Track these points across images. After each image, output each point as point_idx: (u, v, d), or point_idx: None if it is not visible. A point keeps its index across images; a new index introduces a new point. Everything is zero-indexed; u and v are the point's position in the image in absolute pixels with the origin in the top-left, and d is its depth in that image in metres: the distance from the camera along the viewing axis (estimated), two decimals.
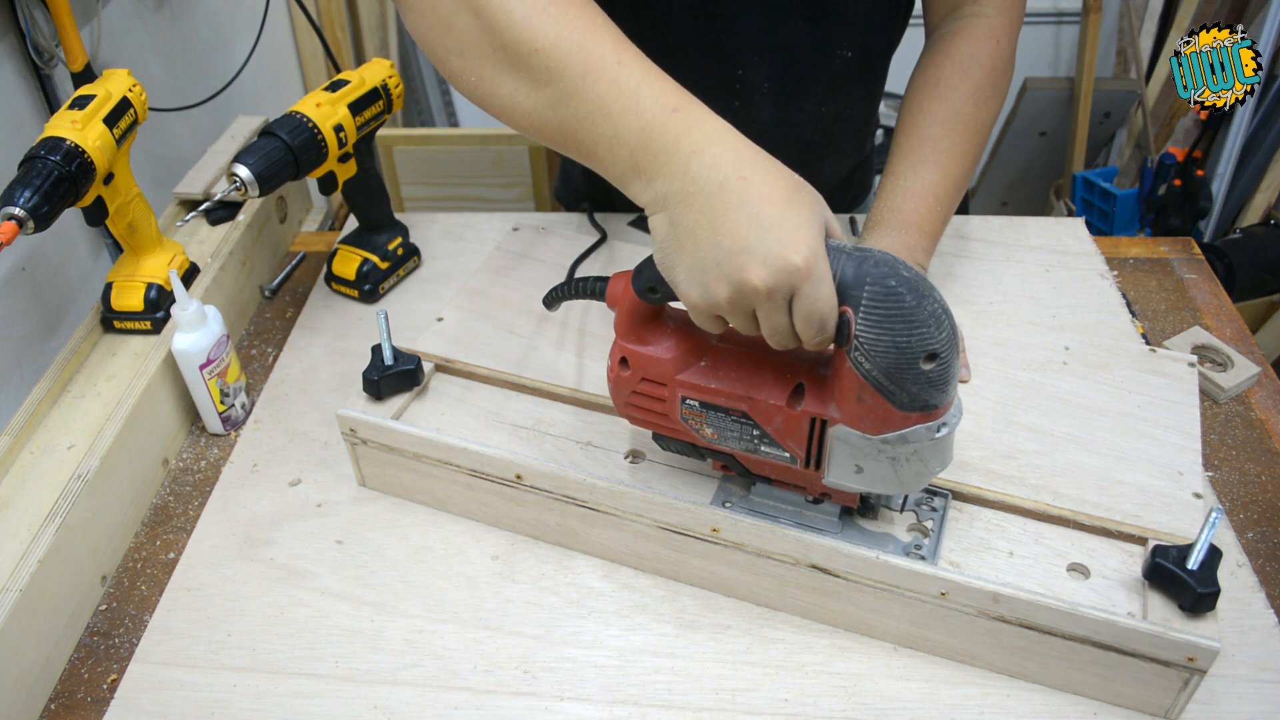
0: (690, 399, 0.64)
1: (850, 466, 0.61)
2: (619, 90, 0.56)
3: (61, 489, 0.74)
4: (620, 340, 0.65)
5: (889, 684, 0.67)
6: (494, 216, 1.15)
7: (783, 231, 0.51)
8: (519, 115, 0.60)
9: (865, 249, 0.54)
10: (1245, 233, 2.03)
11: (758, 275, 0.52)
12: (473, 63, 0.60)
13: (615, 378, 0.67)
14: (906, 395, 0.55)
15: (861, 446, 0.59)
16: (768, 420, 0.62)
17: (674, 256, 0.55)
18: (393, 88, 0.98)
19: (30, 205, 0.76)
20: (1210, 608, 0.61)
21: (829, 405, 0.59)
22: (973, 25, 0.86)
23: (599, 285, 0.67)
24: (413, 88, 2.81)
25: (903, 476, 0.60)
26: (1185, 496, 0.71)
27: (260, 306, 1.07)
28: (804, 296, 0.52)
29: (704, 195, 0.53)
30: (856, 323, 0.53)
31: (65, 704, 0.69)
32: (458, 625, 0.72)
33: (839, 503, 0.68)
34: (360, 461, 0.81)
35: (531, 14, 0.57)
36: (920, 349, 0.53)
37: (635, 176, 0.56)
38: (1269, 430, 0.86)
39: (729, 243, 0.52)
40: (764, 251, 0.51)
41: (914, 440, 0.57)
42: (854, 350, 0.54)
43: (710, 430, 0.65)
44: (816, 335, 0.54)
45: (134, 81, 0.89)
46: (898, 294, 0.52)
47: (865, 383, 0.55)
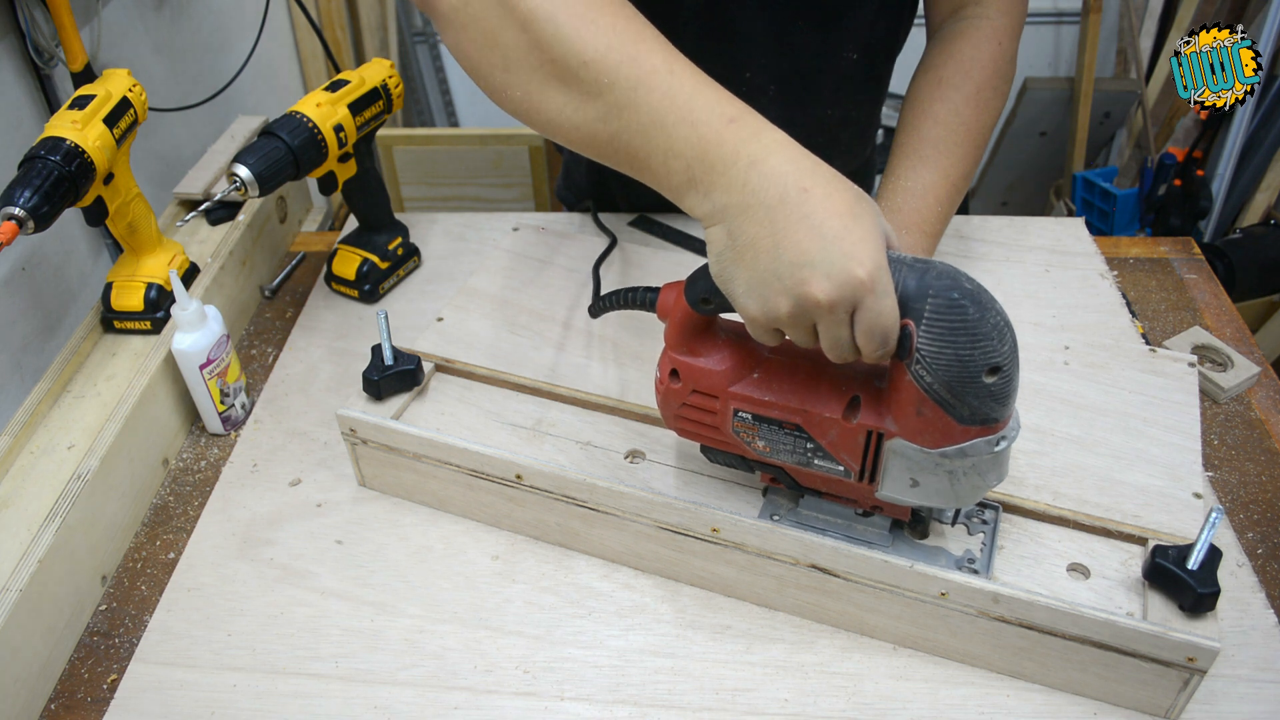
0: (743, 412, 0.63)
1: (906, 480, 0.60)
2: (673, 101, 0.54)
3: (61, 489, 0.74)
4: (671, 352, 0.64)
5: (889, 684, 0.67)
6: (494, 216, 1.15)
7: (846, 244, 0.50)
8: (568, 129, 0.59)
9: (926, 260, 0.53)
10: (1245, 233, 2.03)
11: (820, 289, 0.51)
12: (518, 77, 0.59)
13: (665, 390, 0.65)
14: (967, 409, 0.54)
15: (919, 460, 0.58)
16: (822, 433, 0.61)
17: (732, 269, 0.54)
18: (393, 88, 0.98)
19: (30, 205, 0.76)
20: (1210, 608, 0.61)
21: (885, 418, 0.58)
22: (975, 26, 0.86)
23: (649, 296, 0.65)
24: (413, 88, 2.81)
25: (959, 490, 0.59)
26: (1185, 496, 0.71)
27: (260, 306, 1.07)
28: (867, 310, 0.51)
29: (764, 207, 0.52)
30: (919, 336, 0.52)
31: (65, 704, 0.69)
32: (458, 625, 0.72)
33: (890, 515, 0.66)
34: (360, 461, 0.81)
35: (580, 26, 0.56)
36: (983, 362, 0.52)
37: (691, 189, 0.55)
38: (1269, 430, 0.86)
39: (791, 256, 0.51)
40: (827, 264, 0.50)
41: (973, 454, 0.56)
42: (915, 363, 0.53)
43: (762, 443, 0.64)
44: (878, 349, 0.53)
45: (134, 81, 0.89)
46: (961, 306, 0.51)
47: (926, 396, 0.54)
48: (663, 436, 0.78)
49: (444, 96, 2.96)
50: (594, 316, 0.73)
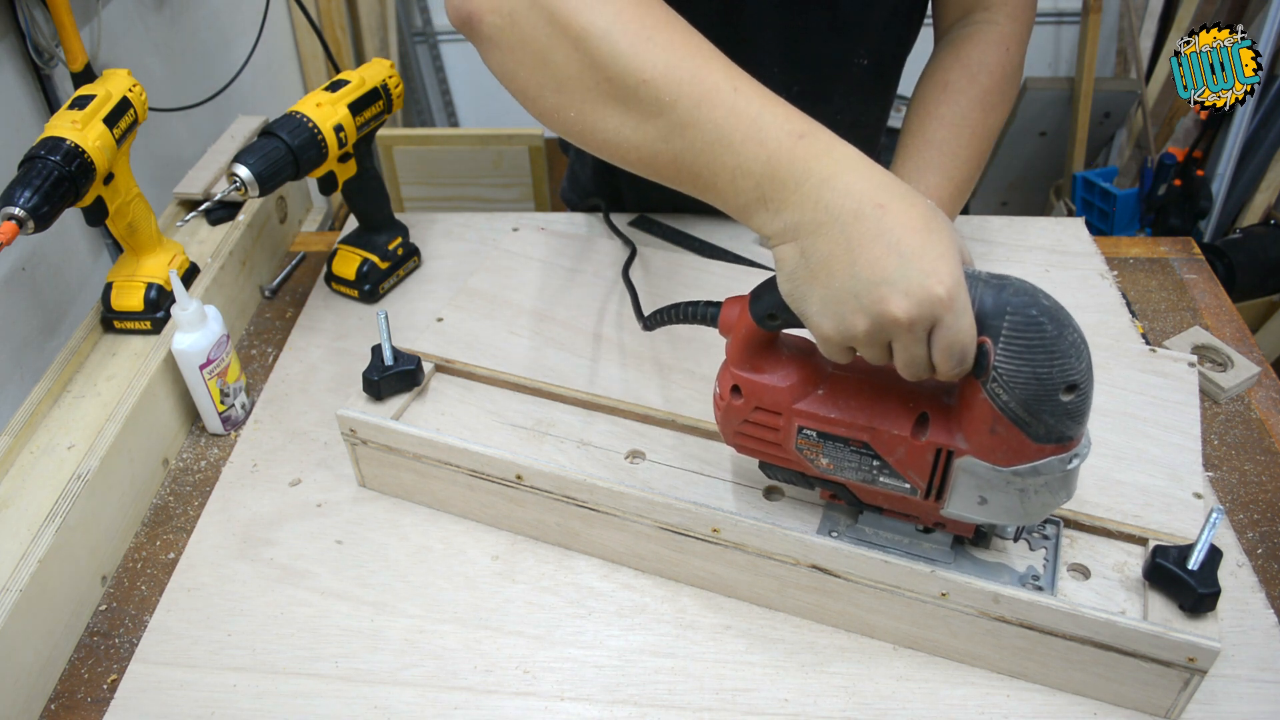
0: (808, 429, 0.62)
1: (974, 498, 0.59)
2: (739, 118, 0.53)
3: (61, 489, 0.74)
4: (733, 368, 0.63)
5: (889, 684, 0.67)
6: (494, 216, 1.15)
7: (924, 261, 0.49)
8: (626, 150, 0.57)
9: (1003, 276, 0.52)
10: (1245, 233, 2.03)
11: (899, 307, 0.50)
12: (572, 98, 0.57)
13: (726, 406, 0.64)
14: (1043, 427, 0.53)
15: (989, 478, 0.57)
16: (890, 451, 0.60)
17: (805, 288, 0.53)
18: (393, 88, 0.98)
19: (30, 205, 0.76)
20: (1211, 608, 0.61)
21: (955, 436, 0.57)
22: (983, 32, 0.86)
23: (710, 311, 0.64)
24: (413, 88, 2.82)
25: (1028, 508, 0.58)
26: (1185, 496, 0.71)
27: (260, 306, 1.07)
28: (945, 328, 0.50)
29: (839, 224, 0.51)
30: (996, 353, 0.51)
31: (65, 704, 0.69)
32: (458, 625, 0.72)
33: (952, 532, 0.65)
34: (360, 462, 0.81)
35: (638, 43, 0.54)
36: (1061, 380, 0.51)
37: (761, 207, 0.54)
38: (1269, 430, 0.86)
39: (868, 273, 0.50)
40: (906, 282, 0.49)
41: (1046, 472, 0.55)
42: (991, 381, 0.52)
43: (826, 460, 0.63)
44: (955, 367, 0.52)
45: (134, 81, 0.89)
46: (1039, 324, 0.50)
47: (1000, 414, 0.53)
48: (663, 436, 0.78)
49: (444, 96, 2.96)
50: (647, 329, 0.72)
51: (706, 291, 0.93)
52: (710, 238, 1.09)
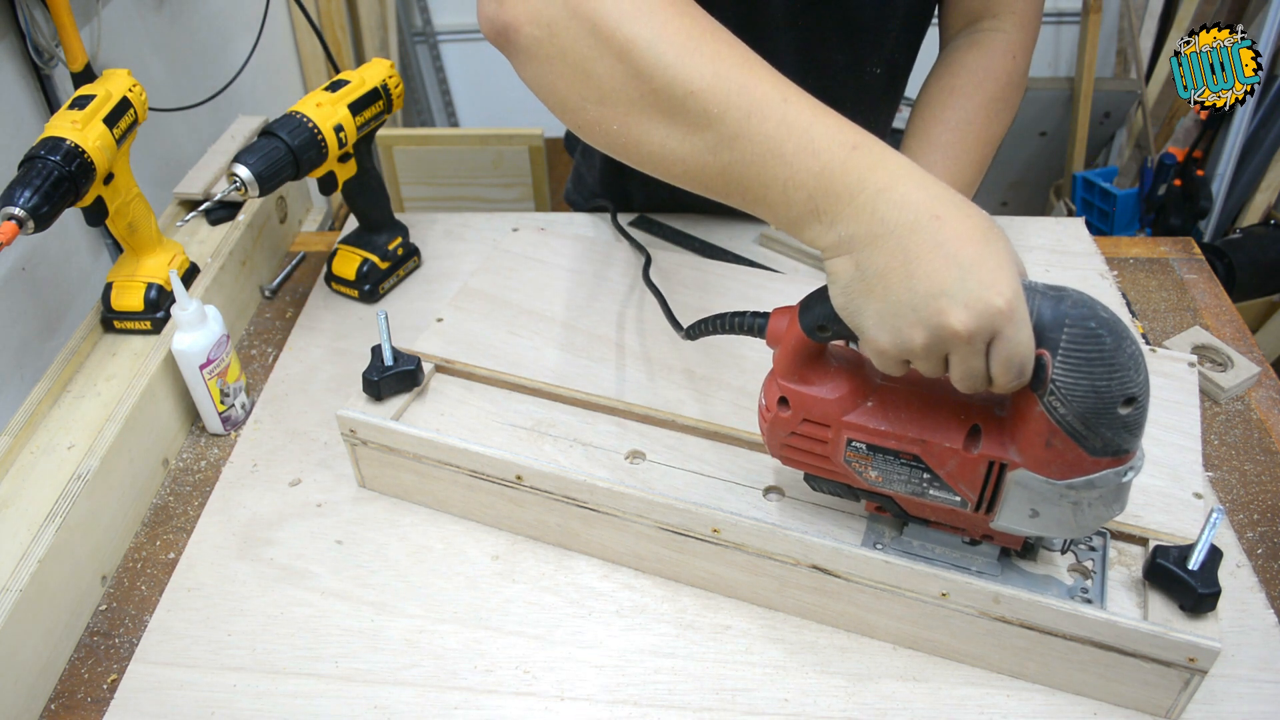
0: (857, 441, 0.61)
1: (1025, 510, 0.58)
2: (790, 130, 0.52)
3: (61, 489, 0.74)
4: (780, 380, 0.62)
5: (889, 684, 0.67)
6: (494, 216, 1.15)
7: (983, 272, 0.49)
8: (671, 162, 0.56)
9: (1060, 287, 0.52)
10: (1245, 233, 2.03)
11: (959, 319, 0.49)
12: (615, 110, 0.56)
13: (773, 418, 0.63)
14: (1100, 440, 0.52)
15: (1042, 491, 0.56)
16: (941, 464, 0.59)
17: (861, 301, 0.52)
18: (393, 88, 0.98)
19: (30, 205, 0.76)
20: (1211, 608, 0.61)
21: (1009, 448, 0.56)
22: (990, 39, 0.86)
23: (757, 322, 0.63)
24: (413, 88, 2.82)
25: (1081, 521, 0.57)
26: (1185, 496, 0.71)
27: (260, 306, 1.07)
28: (1004, 340, 0.49)
29: (895, 236, 0.50)
30: (1054, 366, 0.51)
31: (65, 704, 0.69)
32: (458, 625, 0.72)
33: (1000, 544, 0.64)
34: (360, 462, 0.81)
35: (684, 53, 0.53)
36: (1119, 393, 0.50)
37: (815, 220, 0.53)
38: (1269, 430, 0.86)
39: (925, 286, 0.49)
40: (965, 294, 0.48)
41: (1101, 485, 0.54)
42: (1048, 394, 0.51)
43: (875, 473, 0.62)
44: (1014, 380, 0.51)
45: (134, 81, 0.89)
46: (1098, 336, 0.50)
47: (1057, 428, 0.52)
48: (663, 436, 0.78)
49: (444, 96, 2.96)
50: (690, 338, 0.71)
51: (707, 291, 0.93)
52: (710, 238, 1.09)
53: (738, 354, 0.84)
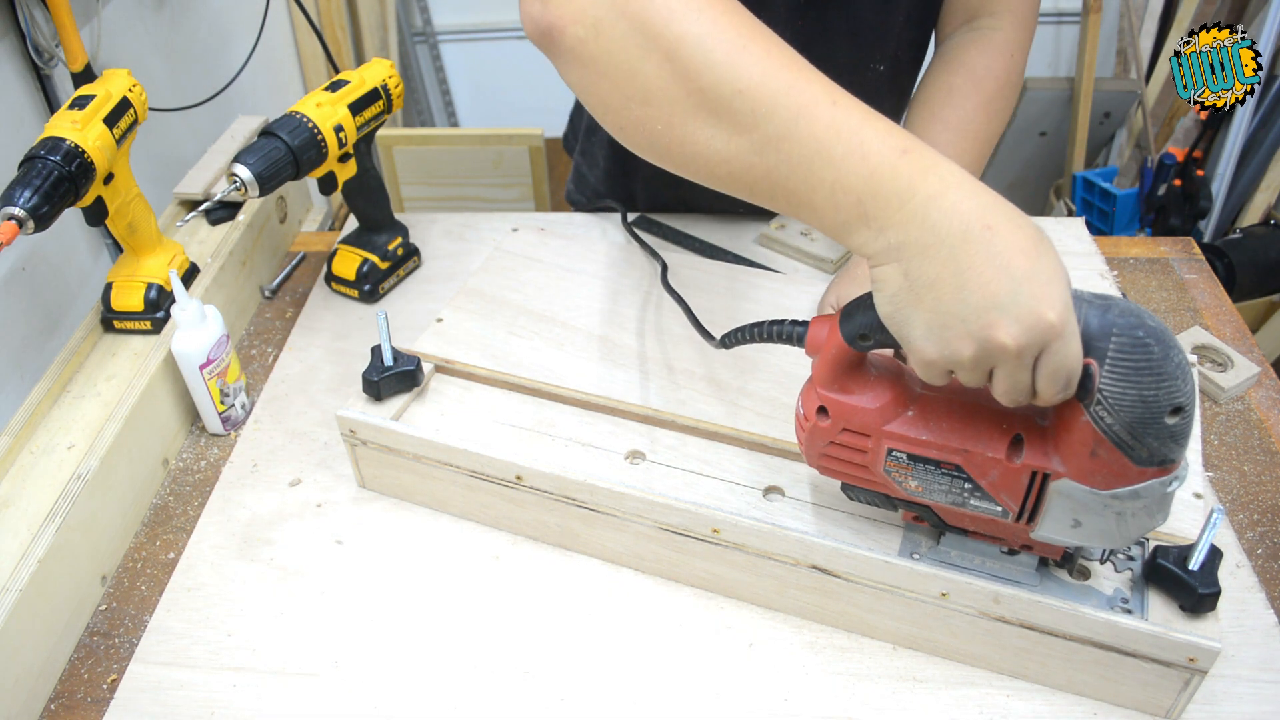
0: (897, 451, 0.60)
1: (1068, 520, 0.57)
2: (839, 132, 0.51)
3: (61, 489, 0.74)
4: (820, 388, 0.61)
5: (889, 684, 0.67)
6: (494, 216, 1.15)
7: (1035, 286, 0.48)
8: (715, 164, 0.55)
9: (1107, 296, 0.51)
10: (1245, 233, 2.03)
11: (1009, 333, 0.48)
12: (659, 110, 0.55)
13: (812, 428, 0.62)
14: (1146, 450, 0.52)
15: (1087, 502, 0.56)
16: (983, 474, 0.58)
17: (910, 311, 0.51)
18: (393, 88, 0.98)
19: (30, 205, 0.76)
20: (1211, 608, 0.61)
21: (1052, 458, 0.56)
22: (988, 37, 0.86)
23: (797, 331, 0.62)
24: (413, 88, 2.82)
25: (1124, 530, 0.56)
26: (1185, 496, 0.71)
27: (260, 306, 1.07)
28: (1053, 354, 0.49)
29: (946, 246, 0.49)
30: (1101, 376, 0.50)
31: (65, 704, 0.69)
32: (458, 625, 0.72)
33: (1039, 554, 0.64)
34: (360, 463, 0.81)
35: (733, 53, 0.52)
36: (1167, 403, 0.50)
37: (863, 225, 0.52)
38: (1269, 430, 0.86)
39: (977, 299, 0.48)
40: (1017, 308, 0.48)
41: (1146, 495, 0.54)
42: (1095, 404, 0.51)
43: (915, 483, 0.61)
44: (1060, 392, 0.50)
45: (134, 81, 0.89)
46: (1146, 345, 0.49)
47: (1103, 438, 0.52)
48: (663, 436, 0.78)
49: (444, 96, 2.96)
50: (725, 347, 0.70)
51: (707, 291, 0.93)
52: (710, 238, 1.09)
53: (738, 354, 0.84)
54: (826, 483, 0.73)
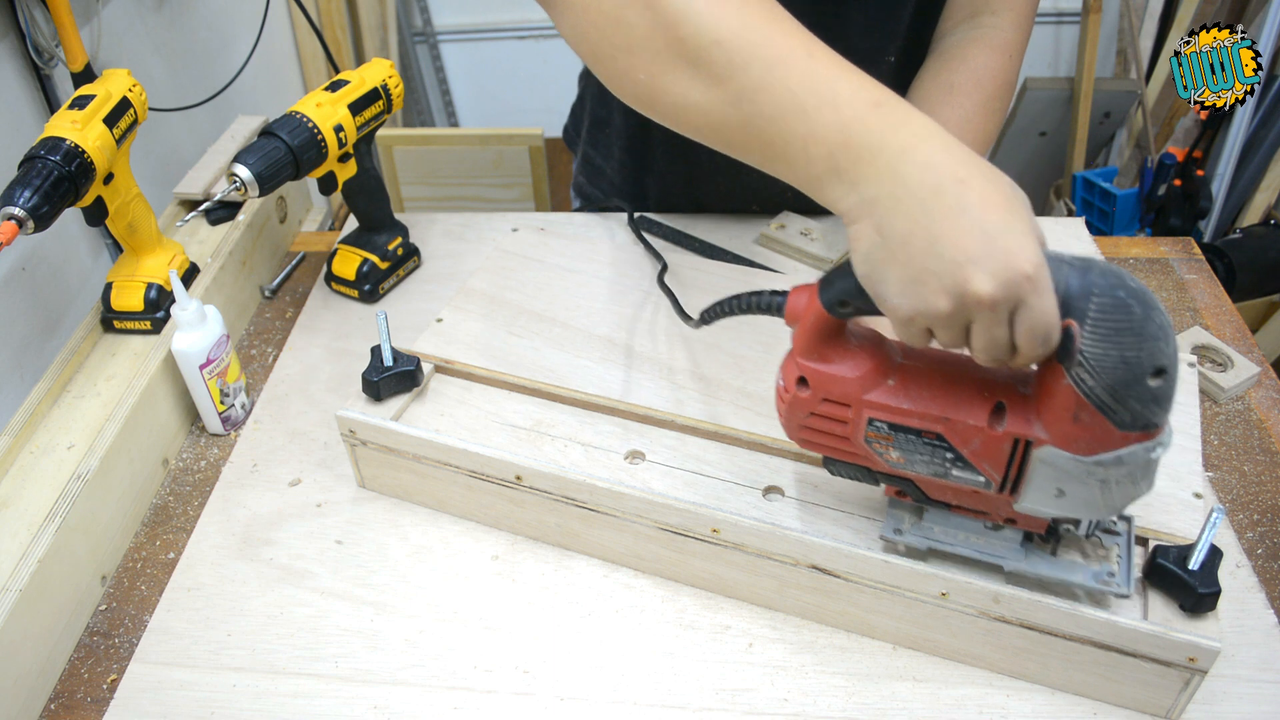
0: (878, 420, 0.59)
1: (1051, 490, 0.56)
2: (814, 83, 0.52)
3: (61, 489, 0.74)
4: (800, 359, 0.60)
5: (889, 684, 0.67)
6: (494, 216, 1.15)
7: (1009, 238, 0.48)
8: (693, 114, 0.57)
9: (1087, 258, 0.51)
10: (1245, 233, 2.03)
11: (984, 286, 0.48)
12: (641, 59, 0.57)
13: (792, 399, 0.61)
14: (1129, 413, 0.51)
15: (1070, 469, 0.55)
16: (965, 442, 0.57)
17: (884, 268, 0.51)
18: (393, 88, 0.98)
19: (30, 205, 0.76)
20: (1211, 608, 0.61)
21: (1034, 425, 0.55)
22: (989, 36, 0.86)
23: (776, 301, 0.61)
24: (413, 88, 2.82)
25: (1109, 499, 0.55)
26: (1185, 496, 0.71)
27: (260, 306, 1.07)
28: (1029, 308, 0.49)
29: (917, 200, 0.49)
30: (1082, 336, 0.50)
31: (65, 704, 0.69)
32: (458, 625, 0.72)
33: (1023, 528, 0.63)
34: (360, 463, 0.81)
35: (712, 4, 0.54)
36: (1149, 364, 0.49)
37: (835, 179, 0.52)
38: (1269, 430, 0.86)
39: (951, 252, 0.48)
40: (990, 260, 0.48)
41: (1129, 462, 0.53)
42: (1076, 366, 0.50)
43: (896, 454, 0.60)
44: (1039, 349, 0.50)
45: (134, 81, 0.89)
46: (1127, 305, 0.49)
47: (1085, 401, 0.51)
48: (663, 437, 0.78)
49: (444, 96, 2.96)
50: (705, 323, 0.70)
51: (708, 292, 0.93)
52: (710, 238, 1.09)
53: (738, 354, 0.84)
54: (826, 482, 0.73)
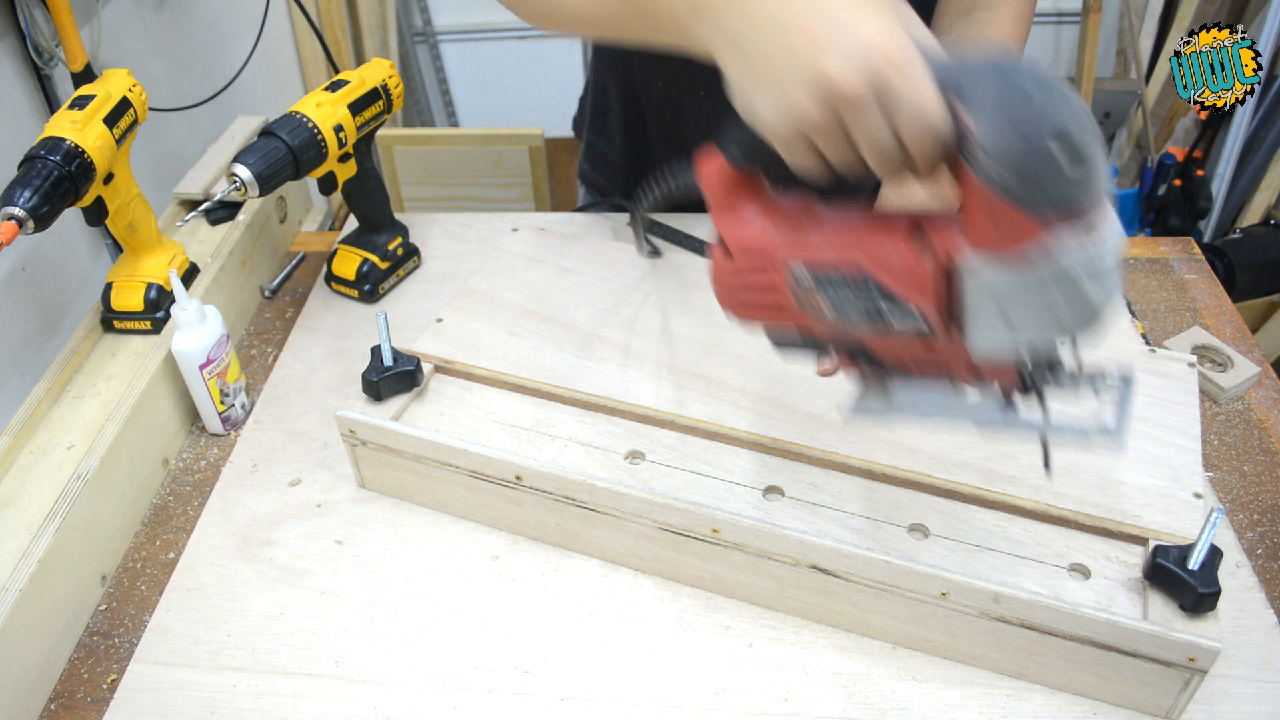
0: (799, 269, 0.57)
1: (997, 319, 0.51)
2: None
3: (61, 489, 0.74)
4: (717, 224, 0.59)
5: (889, 684, 0.67)
6: (494, 216, 1.15)
7: (859, 18, 0.47)
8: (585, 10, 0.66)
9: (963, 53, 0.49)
10: (1245, 233, 2.03)
11: (838, 70, 0.47)
12: None
13: (719, 271, 0.60)
14: (1038, 190, 0.46)
15: (1004, 286, 0.49)
16: (887, 270, 0.54)
17: (753, 94, 0.51)
18: (393, 88, 0.98)
19: (30, 205, 0.76)
20: (1211, 608, 0.61)
21: (954, 235, 0.51)
22: (983, 32, 0.86)
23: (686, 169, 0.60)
24: (413, 88, 2.82)
25: (1060, 313, 0.49)
26: (1185, 496, 0.71)
27: (260, 306, 1.07)
28: (899, 93, 0.46)
29: (766, 11, 0.50)
30: (968, 112, 0.46)
31: (65, 704, 0.69)
32: (457, 625, 0.72)
33: (994, 380, 0.57)
34: (360, 463, 0.81)
35: None
36: (1045, 125, 0.45)
37: (699, 21, 0.55)
38: (1269, 430, 0.86)
39: (800, 42, 0.48)
40: (842, 43, 0.47)
41: (1063, 259, 0.47)
42: (975, 150, 0.46)
43: (826, 306, 0.57)
44: (926, 140, 0.47)
45: (134, 81, 0.89)
46: (1005, 68, 0.46)
47: (992, 191, 0.47)
48: (663, 437, 0.78)
49: (444, 96, 2.96)
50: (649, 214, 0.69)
51: (707, 291, 0.93)
52: (710, 238, 1.09)
53: (738, 354, 0.84)
54: (826, 482, 0.73)
